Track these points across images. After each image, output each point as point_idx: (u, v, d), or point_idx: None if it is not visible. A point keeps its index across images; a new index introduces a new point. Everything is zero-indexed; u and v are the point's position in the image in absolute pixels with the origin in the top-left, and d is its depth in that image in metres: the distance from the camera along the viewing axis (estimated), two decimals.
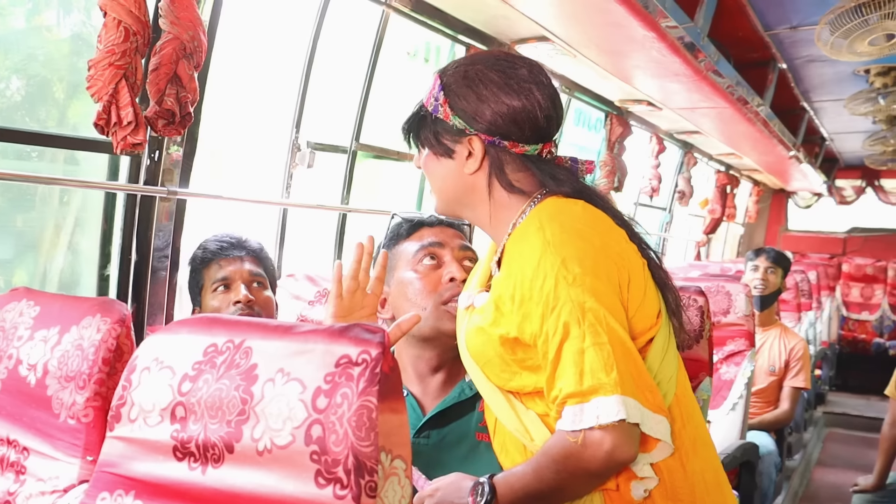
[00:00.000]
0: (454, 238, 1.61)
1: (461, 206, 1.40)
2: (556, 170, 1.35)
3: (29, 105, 2.18)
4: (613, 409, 1.12)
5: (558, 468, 1.17)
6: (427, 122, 1.37)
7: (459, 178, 1.36)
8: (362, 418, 0.88)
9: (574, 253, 1.20)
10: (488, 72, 1.33)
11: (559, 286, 1.18)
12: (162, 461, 1.04)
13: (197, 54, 1.85)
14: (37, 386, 1.30)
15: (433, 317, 1.53)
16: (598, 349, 1.14)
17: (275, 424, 0.94)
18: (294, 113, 2.63)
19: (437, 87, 1.36)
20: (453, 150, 1.35)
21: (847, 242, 9.70)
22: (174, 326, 1.12)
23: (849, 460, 5.82)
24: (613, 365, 1.14)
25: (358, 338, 0.94)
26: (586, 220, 1.28)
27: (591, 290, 1.18)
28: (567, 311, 1.17)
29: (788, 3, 3.55)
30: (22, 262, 2.36)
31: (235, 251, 1.91)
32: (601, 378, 1.13)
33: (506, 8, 2.69)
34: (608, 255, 1.24)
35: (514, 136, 1.32)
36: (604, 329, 1.16)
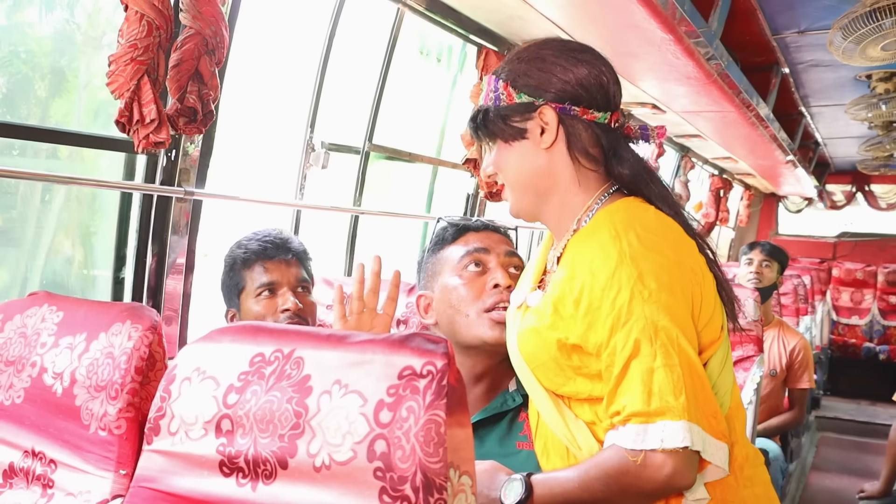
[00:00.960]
0: (500, 244, 1.57)
1: (537, 197, 1.34)
2: (623, 144, 1.32)
3: (9, 103, 2.13)
4: (679, 435, 1.09)
5: (610, 483, 1.14)
6: (491, 115, 1.32)
7: (536, 158, 1.31)
8: (430, 433, 0.84)
9: (651, 267, 1.17)
10: (543, 50, 1.31)
11: (634, 301, 1.14)
12: (207, 476, 1.00)
13: (219, 50, 1.79)
14: (64, 395, 1.24)
15: (476, 324, 1.49)
16: (668, 371, 1.11)
17: (333, 439, 0.89)
18: (309, 112, 2.59)
19: (493, 82, 1.33)
20: (525, 128, 1.30)
21: (837, 247, 9.74)
22: (215, 335, 1.07)
23: (843, 465, 5.83)
24: (682, 389, 1.11)
25: (421, 348, 0.90)
26: (661, 231, 1.24)
27: (665, 307, 1.14)
28: (639, 328, 1.13)
29: (798, 7, 3.55)
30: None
31: (281, 253, 1.81)
32: (669, 401, 1.10)
33: (522, 8, 2.66)
34: (683, 271, 1.20)
35: (584, 101, 1.28)
36: (675, 350, 1.13)
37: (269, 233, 1.85)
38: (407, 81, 3.27)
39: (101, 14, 2.24)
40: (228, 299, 1.86)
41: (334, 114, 2.82)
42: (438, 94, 3.65)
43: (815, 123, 6.46)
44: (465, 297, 1.50)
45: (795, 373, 3.82)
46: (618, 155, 1.30)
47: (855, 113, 5.13)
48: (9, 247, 2.25)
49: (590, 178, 1.31)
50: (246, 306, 1.80)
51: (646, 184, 1.30)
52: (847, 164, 8.79)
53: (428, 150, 3.69)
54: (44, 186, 2.21)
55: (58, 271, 2.36)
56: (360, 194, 2.98)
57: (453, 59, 3.40)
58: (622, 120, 1.32)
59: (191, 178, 2.06)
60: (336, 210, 2.96)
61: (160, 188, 2.04)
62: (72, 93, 2.26)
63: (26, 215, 2.24)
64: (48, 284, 2.27)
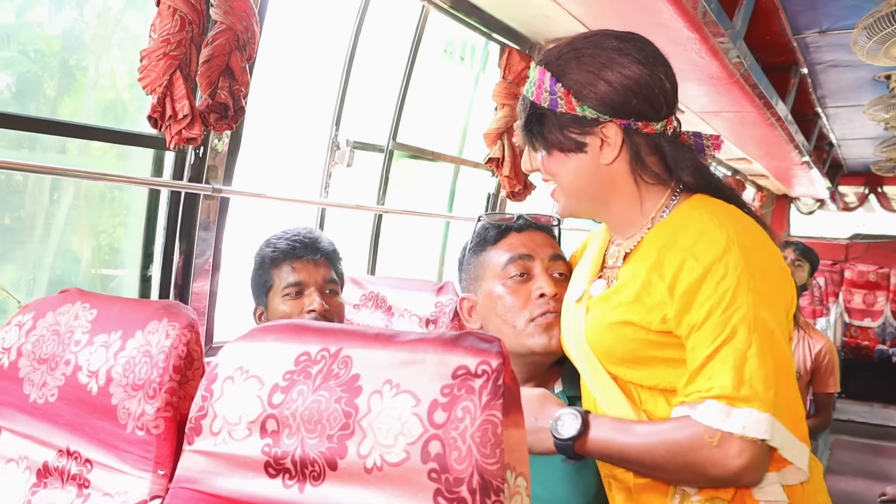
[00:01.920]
0: (544, 247, 1.51)
1: (593, 203, 1.29)
2: (682, 151, 1.26)
3: (19, 101, 2.12)
4: (762, 427, 1.06)
5: (676, 454, 1.10)
6: (548, 120, 1.24)
7: (595, 171, 1.25)
8: (487, 434, 0.83)
9: (758, 259, 1.14)
10: (601, 53, 1.22)
11: (740, 287, 1.11)
12: (252, 477, 0.98)
13: (250, 46, 1.77)
14: (99, 394, 1.22)
15: (524, 334, 1.45)
16: (762, 361, 1.08)
17: (385, 440, 0.88)
18: (334, 110, 2.57)
19: (547, 80, 1.23)
20: (584, 142, 1.23)
21: (849, 249, 9.70)
22: (257, 333, 1.05)
23: (857, 468, 5.80)
24: (773, 383, 1.08)
25: (475, 347, 0.88)
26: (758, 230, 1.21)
27: (768, 301, 1.12)
28: (740, 315, 1.10)
29: (821, 7, 3.53)
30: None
31: (309, 253, 1.79)
32: (759, 390, 1.07)
33: (547, 6, 2.64)
34: (782, 269, 1.18)
35: (647, 115, 1.22)
36: (771, 344, 1.10)
37: (299, 232, 1.84)
38: (430, 80, 3.25)
39: (111, 13, 2.24)
40: (257, 297, 1.85)
41: (359, 112, 2.80)
42: (461, 93, 3.63)
43: (830, 124, 6.44)
44: (512, 307, 1.46)
45: (822, 377, 3.73)
46: (679, 163, 1.25)
47: (873, 114, 5.11)
48: (17, 245, 2.24)
49: (652, 185, 1.26)
50: (273, 305, 1.79)
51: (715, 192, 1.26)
52: (860, 165, 8.76)
53: (450, 149, 3.68)
54: (52, 185, 2.21)
55: (67, 270, 2.35)
56: (384, 193, 2.96)
57: (476, 58, 3.38)
58: (675, 125, 1.26)
59: (219, 174, 2.05)
60: (360, 208, 2.94)
61: (188, 185, 2.02)
62: (80, 92, 2.26)
63: (35, 213, 2.24)
64: (58, 283, 2.27)
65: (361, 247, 3.04)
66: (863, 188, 9.80)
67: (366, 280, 2.24)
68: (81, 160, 2.25)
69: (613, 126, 1.21)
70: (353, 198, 2.90)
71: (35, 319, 1.37)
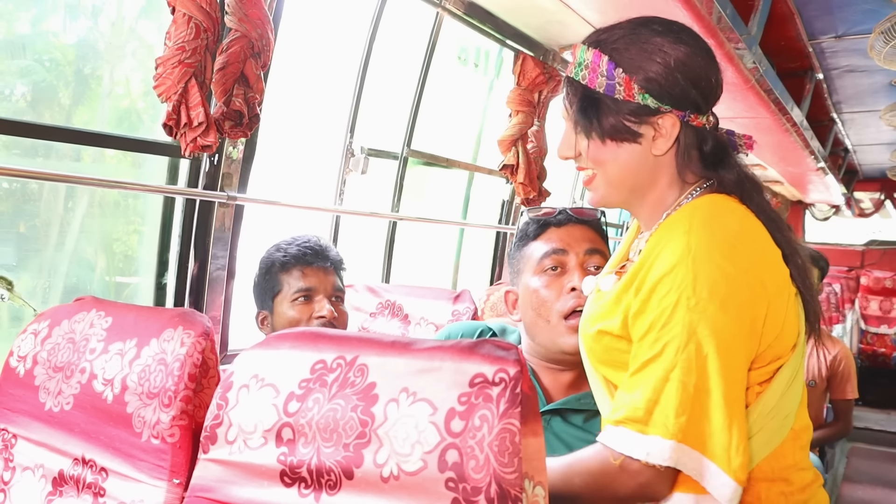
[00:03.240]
0: (581, 241, 1.51)
1: (633, 194, 1.25)
2: (720, 146, 1.21)
3: (34, 110, 2.14)
4: (665, 454, 1.04)
5: (588, 480, 1.10)
6: (605, 106, 1.19)
7: (644, 162, 1.20)
8: (505, 442, 0.82)
9: (711, 274, 1.08)
10: (658, 38, 1.17)
11: (679, 306, 1.07)
12: (267, 486, 0.98)
13: (264, 53, 1.78)
14: (115, 402, 1.22)
15: (556, 331, 1.47)
16: (681, 386, 1.05)
17: (402, 448, 0.87)
18: (349, 117, 2.57)
19: (604, 64, 1.17)
20: (639, 133, 1.18)
21: (865, 255, 9.63)
22: (272, 341, 1.05)
23: (875, 476, 5.74)
24: (686, 410, 1.05)
25: (492, 355, 0.88)
26: (739, 236, 1.14)
27: (710, 321, 1.06)
28: (673, 334, 1.06)
29: (837, 12, 3.51)
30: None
31: (320, 260, 1.80)
32: (669, 418, 1.05)
33: (561, 12, 2.63)
34: (749, 285, 1.10)
35: (700, 108, 1.18)
36: (697, 369, 1.05)
37: (309, 239, 1.84)
38: (445, 87, 3.25)
39: (125, 22, 2.25)
40: (261, 301, 1.86)
41: (373, 119, 2.80)
42: (475, 100, 3.63)
43: (845, 130, 6.40)
44: (545, 301, 1.48)
45: (839, 383, 3.66)
46: (718, 159, 1.20)
47: (889, 119, 5.09)
48: (32, 252, 2.25)
49: (690, 180, 1.22)
50: (280, 310, 1.80)
51: (749, 193, 1.20)
52: (876, 171, 8.70)
53: (465, 156, 3.68)
54: (67, 193, 2.22)
55: (81, 279, 2.36)
56: (399, 200, 2.96)
57: (490, 65, 3.38)
58: (714, 120, 1.22)
59: (233, 182, 2.05)
60: (375, 216, 2.94)
61: (203, 193, 2.02)
62: (95, 101, 2.27)
63: (50, 221, 2.25)
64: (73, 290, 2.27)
65: (376, 254, 3.04)
66: (879, 194, 9.72)
67: (382, 288, 2.24)
68: (96, 168, 2.26)
69: (672, 117, 1.17)
70: (368, 205, 2.91)
71: (50, 327, 1.37)
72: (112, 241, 2.40)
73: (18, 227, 2.22)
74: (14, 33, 2.07)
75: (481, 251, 3.91)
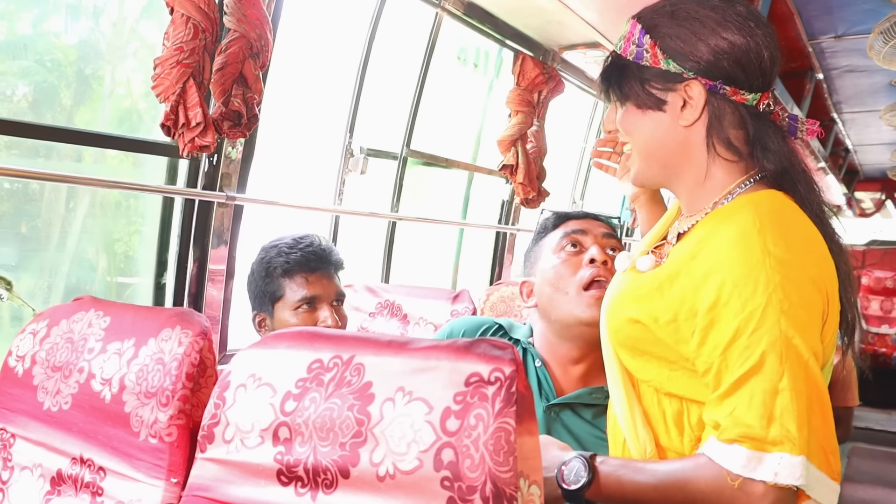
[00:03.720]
0: (598, 227, 1.58)
1: (666, 170, 1.21)
2: (771, 132, 1.16)
3: (35, 110, 2.14)
4: (796, 472, 0.98)
5: (696, 498, 1.03)
6: (629, 72, 1.17)
7: (671, 132, 1.17)
8: (500, 441, 0.82)
9: (794, 276, 1.04)
10: (700, 9, 1.14)
11: (769, 308, 1.01)
12: (264, 485, 0.98)
13: (263, 53, 1.78)
14: (112, 402, 1.22)
15: (573, 302, 1.48)
16: (794, 396, 1.00)
17: (398, 448, 0.87)
18: (348, 117, 2.57)
19: (637, 32, 1.16)
20: (665, 100, 1.15)
21: (866, 255, 9.60)
22: (270, 340, 1.05)
23: (876, 476, 5.71)
24: (807, 421, 1.00)
25: (487, 354, 0.88)
26: (808, 240, 1.10)
27: (801, 325, 1.02)
28: (769, 340, 1.01)
29: (836, 12, 3.51)
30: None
31: (323, 266, 1.75)
32: (791, 431, 0.99)
33: (561, 13, 2.64)
34: (820, 287, 1.07)
35: (737, 80, 1.13)
36: (804, 375, 1.01)
37: (312, 242, 1.78)
38: (444, 87, 3.25)
39: (126, 23, 2.25)
40: (259, 304, 1.79)
41: (373, 119, 2.80)
42: (475, 100, 3.64)
43: (846, 130, 6.40)
44: (563, 274, 1.51)
45: (841, 390, 3.67)
46: (763, 145, 1.15)
47: (889, 119, 5.09)
48: (33, 252, 2.25)
49: (731, 163, 1.17)
50: (281, 316, 1.74)
51: (792, 184, 1.15)
52: (877, 171, 8.70)
53: (464, 156, 3.68)
54: (68, 193, 2.22)
55: (82, 279, 2.36)
56: (398, 200, 2.96)
57: (490, 65, 3.39)
58: (772, 103, 1.17)
59: (232, 182, 2.05)
60: (374, 216, 2.94)
61: (202, 193, 2.03)
62: (96, 101, 2.28)
63: (51, 222, 2.25)
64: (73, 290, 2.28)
65: (375, 254, 3.04)
66: (879, 194, 9.72)
67: (381, 288, 2.24)
68: (97, 168, 2.27)
69: (698, 85, 1.13)
70: (368, 205, 2.91)
71: (49, 327, 1.37)
72: (114, 241, 2.41)
73: (20, 227, 2.22)
74: (16, 34, 2.08)
75: (481, 251, 3.92)
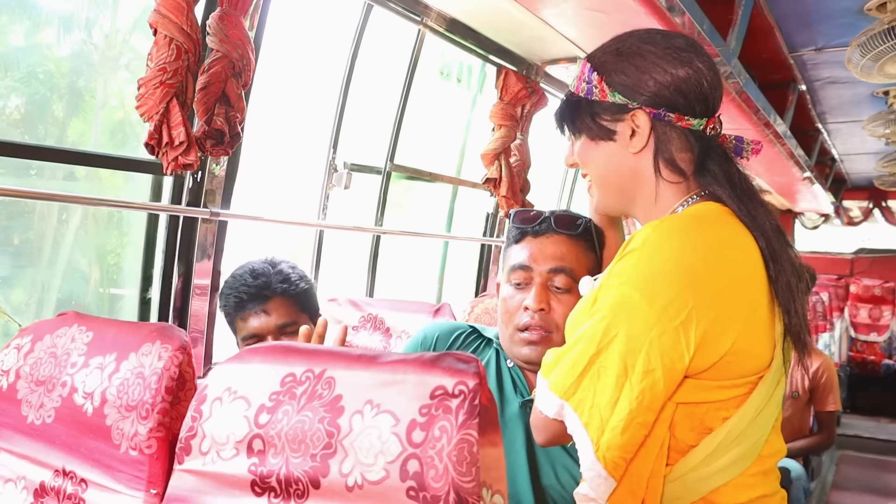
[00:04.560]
0: (548, 259, 1.52)
1: (624, 197, 1.29)
2: (715, 154, 1.23)
3: (28, 122, 2.15)
4: (553, 409, 1.14)
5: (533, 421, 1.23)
6: (581, 108, 1.26)
7: (623, 160, 1.25)
8: (463, 452, 0.85)
9: (652, 265, 1.11)
10: (643, 45, 1.23)
11: (611, 287, 1.12)
12: (238, 496, 1.01)
13: (245, 73, 1.81)
14: (94, 415, 1.25)
15: (510, 340, 1.53)
16: (578, 355, 1.12)
17: (366, 459, 0.90)
18: (331, 133, 2.60)
19: (587, 71, 1.25)
20: (614, 130, 1.24)
21: (854, 263, 9.65)
22: (245, 355, 1.08)
23: (864, 483, 5.76)
24: (575, 376, 1.12)
25: (452, 368, 0.91)
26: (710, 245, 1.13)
27: (631, 307, 1.10)
28: (599, 309, 1.12)
29: (816, 25, 3.55)
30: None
31: (256, 303, 1.75)
32: (560, 377, 1.14)
33: (542, 29, 2.67)
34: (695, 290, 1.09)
35: (680, 107, 1.20)
36: (599, 344, 1.11)
37: (246, 279, 1.77)
38: (429, 102, 3.29)
39: (119, 35, 2.27)
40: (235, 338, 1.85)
41: (357, 134, 2.83)
42: (459, 114, 3.68)
43: (831, 140, 6.44)
44: (505, 312, 1.54)
45: (821, 395, 3.70)
46: (707, 165, 1.22)
47: (872, 129, 5.11)
48: (26, 265, 2.27)
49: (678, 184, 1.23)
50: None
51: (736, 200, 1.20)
52: (864, 180, 8.73)
53: (449, 170, 3.72)
54: (61, 206, 2.23)
55: (75, 290, 2.38)
56: (382, 214, 3.00)
57: (473, 80, 3.43)
58: (717, 127, 1.24)
59: (216, 198, 2.08)
60: (358, 230, 2.97)
61: (186, 209, 2.06)
62: (89, 113, 2.29)
63: (44, 234, 2.27)
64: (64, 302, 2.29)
65: (361, 268, 3.07)
66: (867, 202, 9.75)
67: (364, 302, 2.26)
68: (90, 184, 2.29)
69: (643, 114, 1.21)
70: (353, 219, 2.94)
71: (33, 342, 1.40)
72: (106, 252, 2.43)
73: (13, 239, 2.24)
74: (8, 46, 2.09)
75: (466, 263, 3.95)
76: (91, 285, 2.41)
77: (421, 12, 2.61)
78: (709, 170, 1.22)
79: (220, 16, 1.79)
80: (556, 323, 1.49)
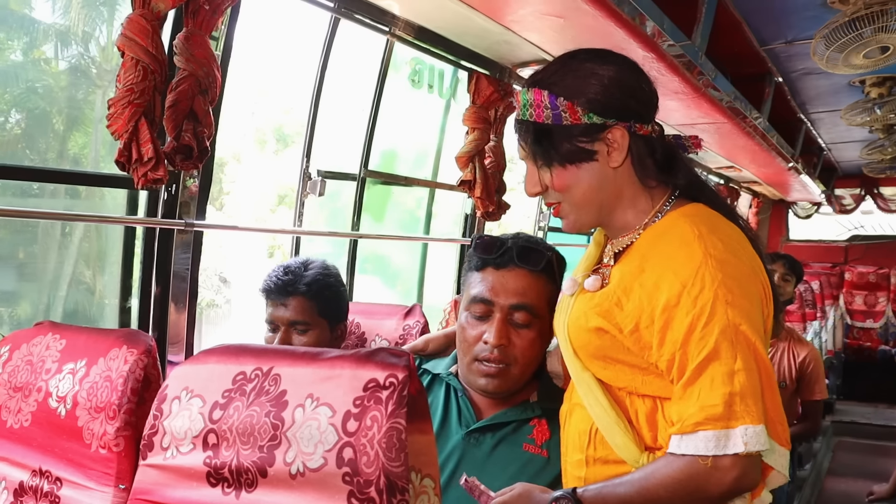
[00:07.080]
0: (510, 295, 1.51)
1: (601, 210, 1.33)
2: (673, 152, 1.32)
3: (28, 138, 2.19)
4: (762, 439, 1.11)
5: (675, 489, 1.15)
6: (556, 135, 1.28)
7: (605, 178, 1.29)
8: (392, 440, 0.92)
9: (733, 273, 1.18)
10: (591, 64, 1.28)
11: (717, 302, 1.14)
12: (196, 487, 1.08)
13: (212, 90, 1.88)
14: (67, 417, 1.32)
15: (468, 368, 1.56)
16: (749, 375, 1.13)
17: (307, 448, 0.97)
18: (304, 142, 2.67)
19: (546, 98, 1.27)
20: (594, 150, 1.27)
21: (849, 251, 9.65)
22: (202, 356, 1.15)
23: (859, 469, 5.77)
24: (761, 395, 1.13)
25: (384, 362, 0.98)
26: (738, 241, 1.25)
27: (745, 313, 1.16)
28: (720, 329, 1.14)
29: (783, 19, 3.58)
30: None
31: (280, 295, 1.91)
32: (750, 405, 1.11)
33: (506, 34, 2.73)
34: (757, 281, 1.22)
35: (642, 116, 1.28)
36: (753, 356, 1.14)
37: (279, 273, 1.94)
38: (402, 107, 3.33)
39: (114, 48, 2.31)
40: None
41: (332, 141, 2.88)
42: (433, 118, 3.72)
43: (816, 129, 6.43)
44: (464, 341, 1.55)
45: (808, 384, 3.72)
46: (672, 165, 1.30)
47: (851, 118, 5.13)
48: (31, 279, 2.32)
49: (653, 188, 1.31)
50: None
51: (700, 190, 1.31)
52: (854, 167, 8.71)
53: (425, 173, 3.77)
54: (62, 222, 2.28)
55: (79, 301, 2.43)
56: (359, 219, 3.05)
57: (445, 84, 3.46)
58: (657, 128, 1.31)
59: (191, 210, 2.15)
60: (333, 235, 3.03)
61: (162, 221, 2.13)
62: (88, 125, 2.32)
63: (48, 248, 2.32)
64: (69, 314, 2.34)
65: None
66: (858, 190, 9.73)
67: None
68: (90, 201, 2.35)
69: (619, 129, 1.26)
70: (331, 224, 2.99)
71: (11, 351, 1.47)
72: (109, 264, 2.47)
73: (17, 253, 2.29)
74: (7, 61, 2.13)
75: (446, 264, 4.01)
76: (96, 296, 2.45)
77: (388, 22, 2.66)
78: (675, 168, 1.31)
79: (186, 36, 1.86)
80: (515, 356, 1.51)
